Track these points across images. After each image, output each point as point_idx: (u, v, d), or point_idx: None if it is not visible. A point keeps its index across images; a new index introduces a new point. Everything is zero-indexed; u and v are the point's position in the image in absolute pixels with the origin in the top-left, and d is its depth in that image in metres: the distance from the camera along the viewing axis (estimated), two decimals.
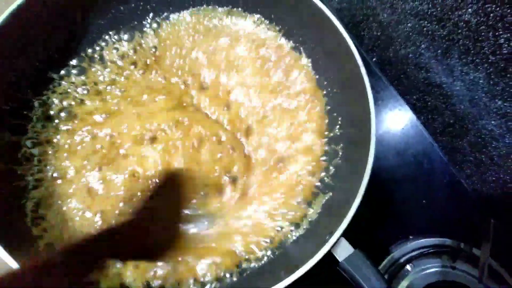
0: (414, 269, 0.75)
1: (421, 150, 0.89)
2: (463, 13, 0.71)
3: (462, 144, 0.87)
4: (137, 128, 0.71)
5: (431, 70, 0.85)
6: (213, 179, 0.71)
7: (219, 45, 0.79)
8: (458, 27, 0.73)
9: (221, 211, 0.70)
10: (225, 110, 0.76)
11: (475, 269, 0.74)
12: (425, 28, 0.80)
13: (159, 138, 0.71)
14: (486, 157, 0.82)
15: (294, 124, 0.76)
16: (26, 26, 0.65)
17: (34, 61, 0.69)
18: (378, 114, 0.90)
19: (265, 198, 0.72)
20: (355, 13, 0.96)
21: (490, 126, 0.78)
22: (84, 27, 0.74)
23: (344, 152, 0.74)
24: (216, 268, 0.67)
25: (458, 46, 0.76)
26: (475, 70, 0.75)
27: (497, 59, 0.69)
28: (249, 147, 0.75)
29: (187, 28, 0.80)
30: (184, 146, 0.71)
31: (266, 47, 0.80)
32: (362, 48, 0.97)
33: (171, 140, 0.71)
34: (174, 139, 0.71)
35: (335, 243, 0.57)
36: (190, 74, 0.77)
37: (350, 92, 0.72)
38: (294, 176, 0.74)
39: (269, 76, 0.78)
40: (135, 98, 0.74)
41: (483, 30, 0.69)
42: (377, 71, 0.92)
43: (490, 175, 0.83)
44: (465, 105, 0.81)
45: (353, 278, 0.58)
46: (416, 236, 0.81)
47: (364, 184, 0.60)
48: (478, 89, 0.77)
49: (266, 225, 0.71)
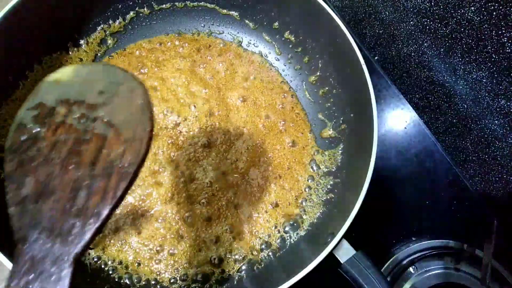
0: (417, 271, 0.75)
1: (424, 149, 0.88)
2: (465, 11, 0.70)
3: (465, 144, 0.86)
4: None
5: (434, 69, 0.84)
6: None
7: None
8: (460, 26, 0.73)
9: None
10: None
11: (478, 270, 0.73)
12: (427, 26, 0.80)
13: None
14: (489, 157, 0.81)
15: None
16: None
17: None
18: (380, 113, 0.89)
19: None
20: (357, 11, 0.95)
21: (493, 126, 0.77)
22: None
23: (346, 152, 0.73)
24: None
25: (461, 45, 0.75)
26: (478, 69, 0.74)
27: (500, 58, 0.69)
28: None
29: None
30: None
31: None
32: (364, 46, 0.96)
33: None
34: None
35: (336, 245, 0.57)
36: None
37: (352, 91, 0.71)
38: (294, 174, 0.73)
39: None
40: None
41: (486, 29, 0.68)
42: (379, 69, 0.92)
43: (493, 175, 0.83)
44: (468, 104, 0.80)
45: (355, 280, 0.57)
46: (419, 237, 0.80)
47: (366, 184, 0.59)
48: (481, 88, 0.76)
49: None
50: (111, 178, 0.36)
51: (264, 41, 0.85)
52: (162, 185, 0.70)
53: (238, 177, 0.72)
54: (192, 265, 0.67)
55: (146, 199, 0.69)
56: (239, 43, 0.85)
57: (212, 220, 0.69)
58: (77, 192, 0.35)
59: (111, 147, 0.37)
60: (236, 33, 0.85)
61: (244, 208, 0.71)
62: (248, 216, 0.71)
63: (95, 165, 0.36)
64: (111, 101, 0.39)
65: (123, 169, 0.36)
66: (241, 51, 0.84)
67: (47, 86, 0.41)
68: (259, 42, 0.85)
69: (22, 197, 0.35)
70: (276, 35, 0.84)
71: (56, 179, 0.35)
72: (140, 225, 0.67)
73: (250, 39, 0.85)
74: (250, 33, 0.85)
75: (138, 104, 0.39)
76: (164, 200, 0.69)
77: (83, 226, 0.34)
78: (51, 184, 0.35)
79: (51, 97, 0.39)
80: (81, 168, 0.36)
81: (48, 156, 0.36)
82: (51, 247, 0.33)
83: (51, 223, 0.34)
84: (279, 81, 0.83)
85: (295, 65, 0.83)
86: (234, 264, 0.68)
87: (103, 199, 0.35)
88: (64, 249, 0.33)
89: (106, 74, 0.42)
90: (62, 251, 0.33)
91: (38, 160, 0.36)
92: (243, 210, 0.71)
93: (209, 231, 0.69)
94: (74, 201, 0.34)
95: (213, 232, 0.69)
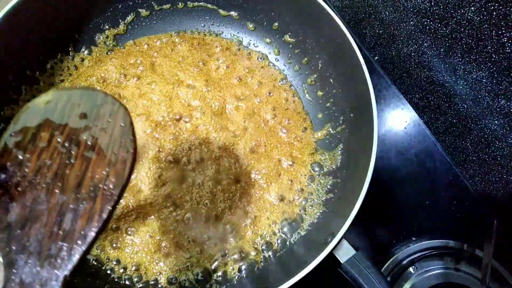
0: (417, 271, 0.75)
1: (424, 149, 0.88)
2: (465, 11, 0.70)
3: (465, 144, 0.86)
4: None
5: (434, 69, 0.84)
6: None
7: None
8: (460, 26, 0.72)
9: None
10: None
11: (478, 270, 0.73)
12: (427, 26, 0.80)
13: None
14: (489, 157, 0.81)
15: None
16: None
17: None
18: (380, 113, 0.89)
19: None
20: (357, 11, 0.95)
21: (493, 126, 0.77)
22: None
23: (346, 152, 0.73)
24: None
25: (461, 45, 0.75)
26: (478, 69, 0.74)
27: (500, 58, 0.69)
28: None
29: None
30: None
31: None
32: (364, 46, 0.96)
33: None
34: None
35: (336, 245, 0.57)
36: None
37: (352, 91, 0.71)
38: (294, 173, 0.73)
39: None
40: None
41: (486, 29, 0.68)
42: (379, 69, 0.92)
43: (493, 175, 0.82)
44: (468, 104, 0.80)
45: (355, 280, 0.57)
46: (419, 237, 0.80)
47: (366, 184, 0.59)
48: (481, 88, 0.76)
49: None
50: (96, 201, 0.36)
51: (264, 41, 0.85)
52: (162, 185, 0.70)
53: (238, 177, 0.72)
54: (192, 265, 0.67)
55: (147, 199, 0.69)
56: (239, 43, 0.85)
57: (212, 220, 0.69)
58: (63, 216, 0.35)
59: (95, 170, 0.37)
60: (236, 33, 0.85)
61: (244, 208, 0.71)
62: (248, 216, 0.71)
63: (80, 188, 0.37)
64: (93, 125, 0.40)
65: (108, 192, 0.37)
66: (241, 51, 0.84)
67: (29, 111, 0.41)
68: (259, 42, 0.85)
69: (8, 222, 0.35)
70: (276, 35, 0.84)
71: (42, 203, 0.36)
72: (139, 225, 0.67)
73: (250, 39, 0.85)
74: (250, 33, 0.85)
75: (120, 127, 0.40)
76: (164, 200, 0.69)
77: (71, 249, 0.34)
78: (37, 209, 0.35)
79: (34, 122, 0.40)
80: (66, 192, 0.36)
81: (33, 180, 0.37)
82: (40, 271, 0.33)
83: (38, 247, 0.34)
84: (278, 81, 0.83)
85: (294, 65, 0.83)
86: (234, 264, 0.68)
87: (89, 222, 0.35)
88: (53, 272, 0.33)
89: (87, 97, 0.42)
90: (51, 274, 0.33)
91: (23, 185, 0.36)
92: (243, 211, 0.71)
93: (209, 231, 0.69)
94: (61, 225, 0.35)
95: (213, 232, 0.69)
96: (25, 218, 0.35)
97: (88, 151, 0.38)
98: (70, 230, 0.35)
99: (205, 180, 0.71)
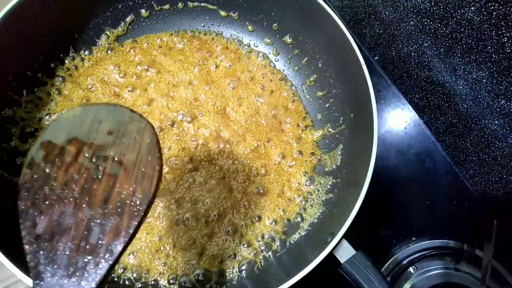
0: (417, 271, 0.75)
1: (424, 149, 0.88)
2: (465, 11, 0.70)
3: (465, 144, 0.86)
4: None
5: (434, 69, 0.84)
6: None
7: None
8: (460, 26, 0.72)
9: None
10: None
11: (478, 270, 0.73)
12: (427, 26, 0.80)
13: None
14: (489, 157, 0.81)
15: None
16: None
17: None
18: (380, 113, 0.89)
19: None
20: (357, 11, 0.95)
21: (493, 126, 0.77)
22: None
23: (346, 152, 0.73)
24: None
25: (461, 45, 0.75)
26: (478, 69, 0.74)
27: (500, 58, 0.69)
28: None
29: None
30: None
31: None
32: (364, 46, 0.96)
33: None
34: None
35: (336, 245, 0.57)
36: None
37: (352, 91, 0.71)
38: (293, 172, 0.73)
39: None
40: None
41: (486, 29, 0.68)
42: (379, 69, 0.92)
43: (493, 175, 0.82)
44: (468, 104, 0.80)
45: (355, 280, 0.57)
46: (419, 237, 0.80)
47: (366, 184, 0.59)
48: (481, 88, 0.76)
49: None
50: (123, 216, 0.36)
51: (264, 41, 0.85)
52: (163, 185, 0.70)
53: (238, 177, 0.72)
54: (192, 265, 0.67)
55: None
56: (239, 43, 0.85)
57: (212, 221, 0.69)
58: (91, 230, 0.36)
59: (122, 186, 0.38)
60: (236, 33, 0.85)
61: (244, 208, 0.71)
62: (248, 217, 0.71)
63: (107, 203, 0.37)
64: (120, 141, 0.40)
65: (134, 208, 0.37)
66: (241, 51, 0.84)
67: (57, 126, 0.41)
68: (259, 43, 0.85)
69: (36, 235, 0.35)
70: (276, 35, 0.83)
71: (70, 217, 0.36)
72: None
73: (250, 40, 0.85)
74: (250, 33, 0.85)
75: (146, 144, 0.40)
76: (165, 201, 0.69)
77: (98, 263, 0.34)
78: (65, 223, 0.36)
79: (62, 137, 0.40)
80: (93, 207, 0.37)
81: (61, 194, 0.37)
82: (67, 283, 0.33)
83: (66, 260, 0.34)
84: (278, 81, 0.83)
85: (294, 65, 0.83)
86: (235, 265, 0.68)
87: (116, 237, 0.35)
88: (80, 285, 0.33)
89: (114, 114, 0.42)
90: (78, 287, 0.33)
91: (51, 199, 0.37)
92: (243, 211, 0.71)
93: (209, 232, 0.69)
94: (88, 239, 0.35)
95: (213, 232, 0.69)
96: (53, 231, 0.35)
97: (115, 167, 0.39)
98: (97, 244, 0.35)
99: (205, 180, 0.71)
